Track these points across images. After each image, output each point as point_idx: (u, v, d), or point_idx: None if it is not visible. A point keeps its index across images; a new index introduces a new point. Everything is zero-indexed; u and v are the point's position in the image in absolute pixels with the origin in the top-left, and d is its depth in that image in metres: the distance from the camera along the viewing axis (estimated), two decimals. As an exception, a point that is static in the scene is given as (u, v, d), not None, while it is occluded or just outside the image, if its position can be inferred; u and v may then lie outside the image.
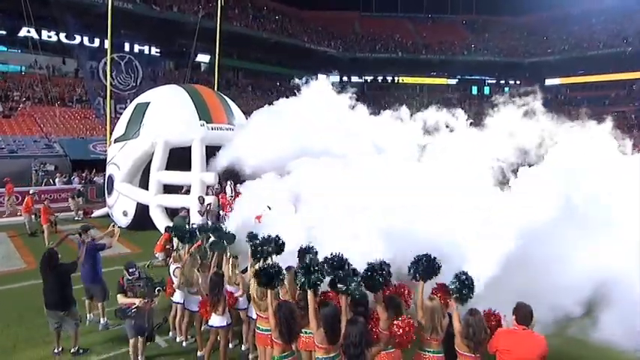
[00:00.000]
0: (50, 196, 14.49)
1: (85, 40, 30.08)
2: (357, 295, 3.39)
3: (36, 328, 5.81)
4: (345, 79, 52.34)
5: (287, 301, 3.79)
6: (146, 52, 36.53)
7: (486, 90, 52.72)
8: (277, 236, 4.25)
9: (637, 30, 41.75)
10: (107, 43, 30.19)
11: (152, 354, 5.19)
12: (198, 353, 5.11)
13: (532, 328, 3.29)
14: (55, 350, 5.25)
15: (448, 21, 55.45)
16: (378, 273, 3.52)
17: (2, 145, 18.19)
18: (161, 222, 10.32)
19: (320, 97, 11.01)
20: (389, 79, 52.23)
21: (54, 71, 27.64)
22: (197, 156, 10.94)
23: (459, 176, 6.54)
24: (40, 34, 27.83)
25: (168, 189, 11.36)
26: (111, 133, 13.58)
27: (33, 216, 11.69)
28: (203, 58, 38.16)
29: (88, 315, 6.11)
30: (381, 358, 3.75)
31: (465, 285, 3.40)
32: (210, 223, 7.54)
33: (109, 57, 14.54)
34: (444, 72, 51.23)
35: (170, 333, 5.61)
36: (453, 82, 52.38)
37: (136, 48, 35.83)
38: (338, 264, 3.45)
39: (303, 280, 3.42)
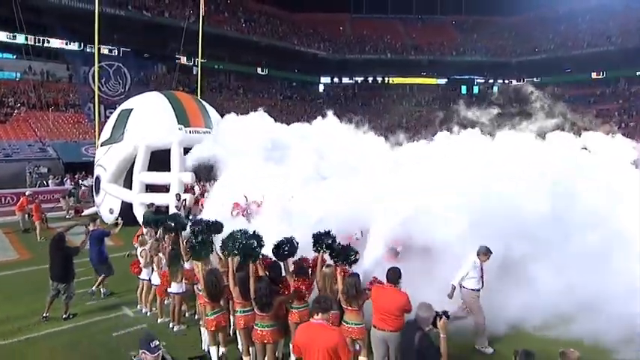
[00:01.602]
0: (44, 196, 15.54)
1: (79, 45, 31.09)
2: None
3: (25, 305, 6.84)
4: (336, 80, 53.63)
5: (214, 268, 4.84)
6: (139, 56, 37.63)
7: (475, 89, 53.65)
8: (216, 220, 5.28)
9: (621, 29, 42.59)
10: (99, 49, 31.05)
11: (121, 322, 6.26)
12: (159, 320, 6.17)
13: None
14: (44, 314, 6.33)
15: (438, 22, 56.07)
16: (283, 246, 4.57)
17: (-2, 149, 19.14)
18: (143, 218, 11.30)
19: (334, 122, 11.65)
20: (379, 79, 53.10)
21: (48, 77, 28.57)
22: (175, 157, 11.94)
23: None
24: (34, 41, 28.92)
25: (152, 187, 12.38)
26: (99, 137, 14.56)
27: (26, 215, 12.74)
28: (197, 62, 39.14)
29: (102, 289, 7.31)
30: (293, 315, 4.78)
31: (340, 252, 4.44)
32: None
33: (96, 65, 15.51)
34: (434, 72, 52.02)
35: (138, 306, 6.65)
36: (443, 81, 53.12)
37: (129, 53, 36.89)
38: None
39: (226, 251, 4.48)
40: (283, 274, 4.77)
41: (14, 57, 28.61)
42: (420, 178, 6.16)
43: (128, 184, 12.42)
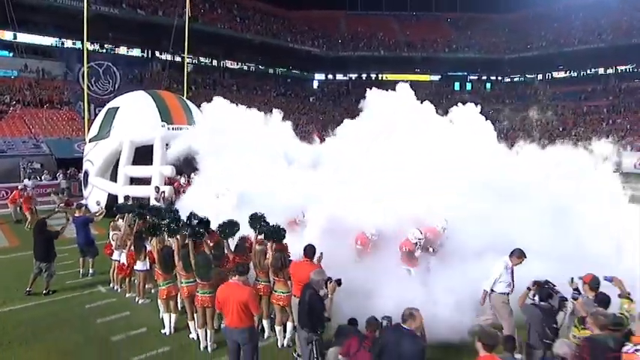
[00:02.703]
0: (37, 191, 16.35)
1: (73, 44, 31.80)
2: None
3: (12, 283, 7.73)
4: (330, 77, 54.25)
5: (166, 245, 5.64)
6: (134, 54, 38.42)
7: (468, 86, 54.27)
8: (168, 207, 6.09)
9: (612, 26, 42.92)
10: (95, 46, 31.70)
11: (94, 297, 7.10)
12: (127, 295, 7.01)
13: None
14: (27, 289, 7.20)
15: (432, 18, 56.27)
16: (225, 227, 5.39)
17: (-7, 145, 19.88)
18: (127, 209, 12.08)
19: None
20: (373, 76, 53.59)
21: (43, 74, 29.26)
22: (157, 152, 12.71)
23: None
24: (29, 39, 29.69)
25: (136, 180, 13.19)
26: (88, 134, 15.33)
27: (18, 207, 13.60)
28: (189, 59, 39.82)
29: (80, 269, 8.19)
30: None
31: (271, 232, 5.25)
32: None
33: (85, 65, 16.25)
34: (427, 69, 52.48)
35: (110, 284, 7.48)
36: (436, 78, 53.59)
37: (124, 50, 37.65)
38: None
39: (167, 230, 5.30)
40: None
41: (11, 55, 29.32)
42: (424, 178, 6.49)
43: (114, 177, 13.21)
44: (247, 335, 4.13)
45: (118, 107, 13.89)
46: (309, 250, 5.00)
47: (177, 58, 36.69)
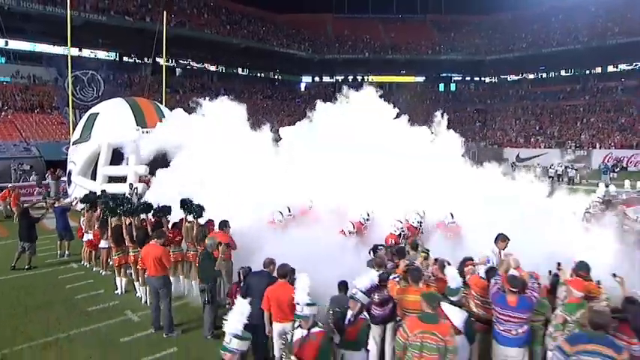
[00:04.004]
0: (26, 190, 17.87)
1: (64, 50, 33.17)
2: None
3: (0, 262, 9.20)
4: (317, 79, 55.76)
5: (117, 224, 7.16)
6: (123, 59, 39.85)
7: (452, 87, 55.89)
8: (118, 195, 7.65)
9: (587, 28, 44.47)
10: (84, 53, 32.93)
11: (67, 271, 8.62)
12: (94, 269, 8.59)
13: None
14: (12, 265, 8.76)
15: (417, 21, 57.51)
16: (160, 209, 6.93)
17: (-15, 149, 21.31)
18: (106, 204, 13.54)
19: None
20: (359, 78, 55.00)
21: (35, 80, 30.68)
22: (132, 154, 14.21)
23: None
24: (20, 46, 31.11)
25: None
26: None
27: (8, 205, 15.08)
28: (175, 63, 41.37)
29: (58, 251, 9.71)
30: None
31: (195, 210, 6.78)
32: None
33: (69, 72, 17.75)
34: (413, 70, 53.87)
35: (82, 261, 9.02)
36: (421, 79, 55.05)
37: (114, 56, 39.08)
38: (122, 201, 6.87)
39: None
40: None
41: (3, 61, 30.73)
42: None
43: (94, 176, 14.71)
44: (162, 282, 5.71)
45: (98, 113, 15.42)
46: (222, 224, 6.55)
47: (166, 63, 38.07)
